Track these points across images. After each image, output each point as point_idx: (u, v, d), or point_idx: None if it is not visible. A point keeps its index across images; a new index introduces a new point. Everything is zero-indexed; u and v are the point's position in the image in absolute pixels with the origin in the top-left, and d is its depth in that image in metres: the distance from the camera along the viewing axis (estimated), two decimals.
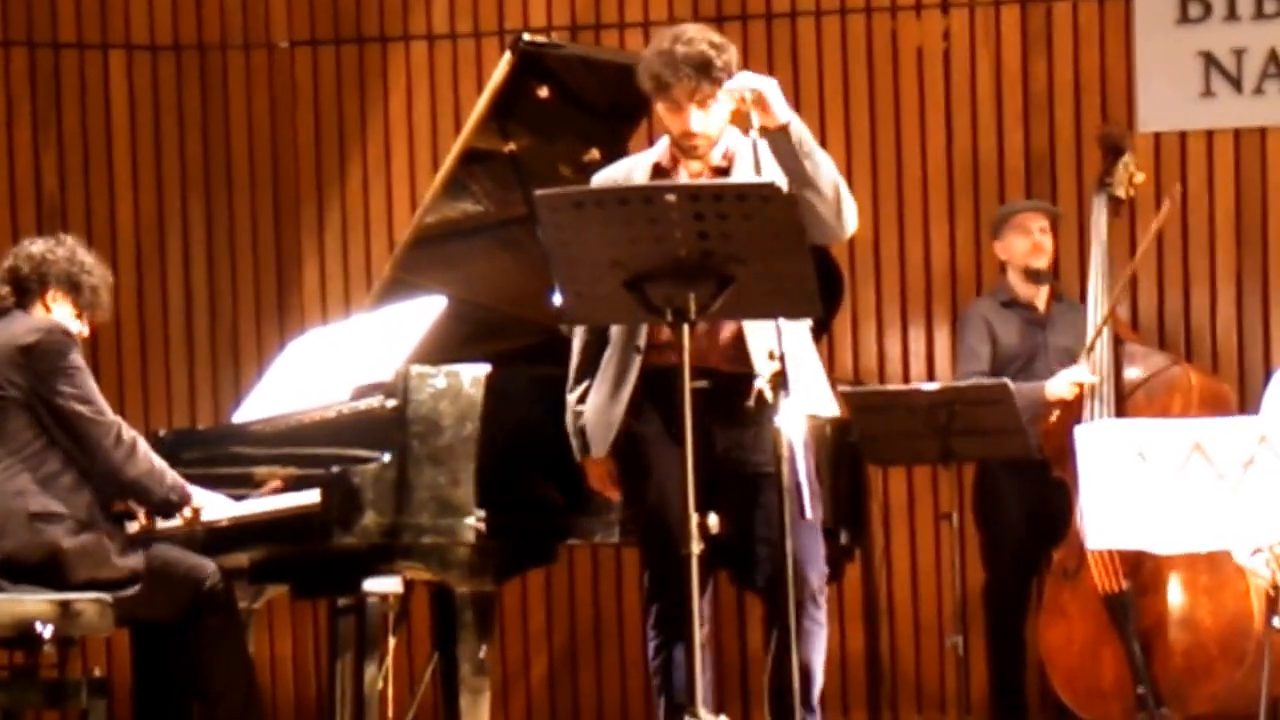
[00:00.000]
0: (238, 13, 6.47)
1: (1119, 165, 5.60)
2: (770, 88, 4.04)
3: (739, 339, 4.13)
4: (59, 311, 4.45)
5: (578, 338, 4.29)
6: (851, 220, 4.15)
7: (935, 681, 6.16)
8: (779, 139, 4.02)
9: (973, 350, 5.63)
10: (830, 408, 4.31)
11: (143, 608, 4.36)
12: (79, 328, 4.51)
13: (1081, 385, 5.39)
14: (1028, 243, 5.68)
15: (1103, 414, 5.36)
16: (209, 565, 4.37)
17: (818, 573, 4.23)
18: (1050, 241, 5.70)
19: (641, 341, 4.17)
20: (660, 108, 4.15)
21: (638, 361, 4.17)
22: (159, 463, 4.37)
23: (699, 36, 4.13)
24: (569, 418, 4.25)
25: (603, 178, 4.28)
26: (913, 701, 6.19)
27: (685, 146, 4.16)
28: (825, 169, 4.09)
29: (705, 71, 4.07)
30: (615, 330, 4.20)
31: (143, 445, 4.39)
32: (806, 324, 4.19)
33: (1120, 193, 5.60)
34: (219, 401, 6.35)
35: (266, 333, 6.39)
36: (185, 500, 4.35)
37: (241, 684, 4.38)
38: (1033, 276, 5.69)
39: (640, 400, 4.16)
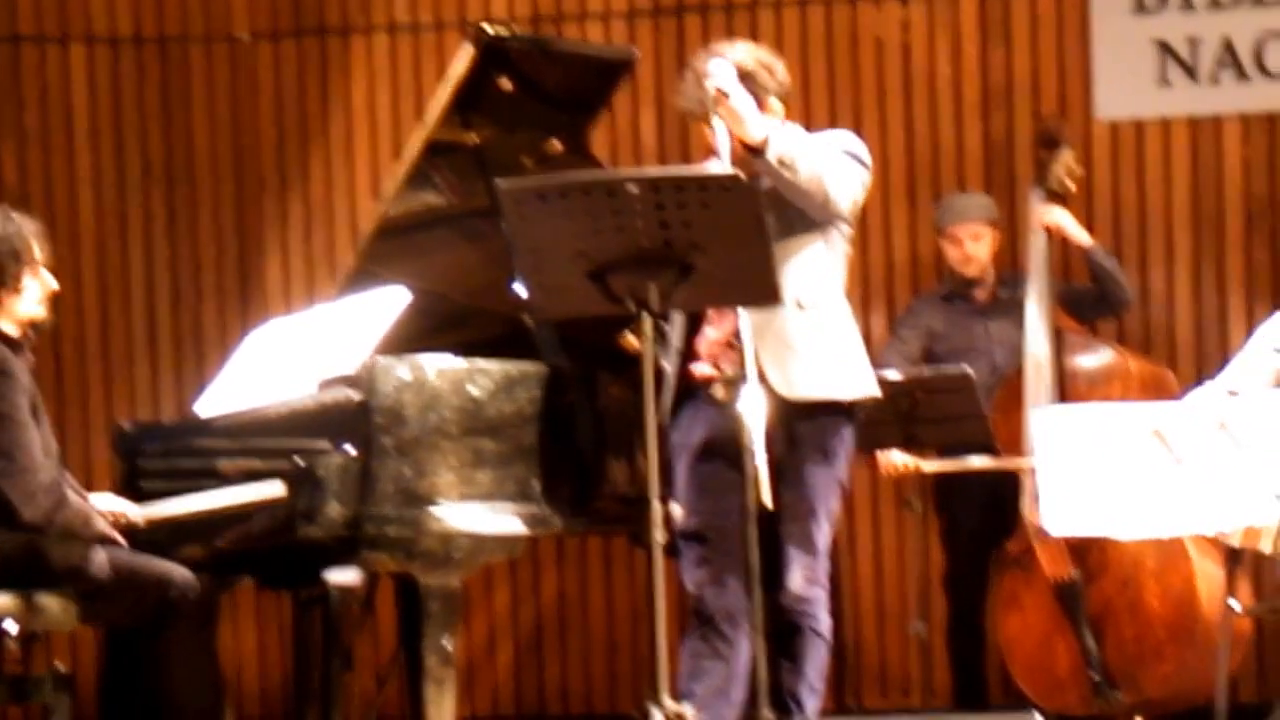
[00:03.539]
0: (199, 4, 6.46)
1: (1056, 159, 5.65)
2: (742, 102, 4.03)
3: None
4: None
5: None
6: (840, 200, 4.15)
7: (899, 667, 6.20)
8: (756, 156, 4.04)
9: (899, 336, 5.72)
10: (829, 391, 4.21)
11: (107, 613, 4.34)
12: (29, 313, 4.39)
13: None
14: (958, 253, 5.76)
15: (1045, 404, 5.41)
16: (177, 573, 4.31)
17: (802, 566, 4.21)
18: (984, 248, 5.76)
19: (678, 342, 4.24)
20: None
21: (675, 361, 4.24)
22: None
23: (705, 55, 4.16)
24: None
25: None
26: (876, 687, 6.23)
27: None
28: (805, 170, 4.09)
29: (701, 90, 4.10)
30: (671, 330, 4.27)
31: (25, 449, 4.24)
32: (823, 310, 4.19)
33: (1057, 186, 5.65)
34: (182, 394, 6.33)
35: (230, 325, 6.38)
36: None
37: (205, 696, 4.36)
38: (964, 283, 5.76)
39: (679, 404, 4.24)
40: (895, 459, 5.45)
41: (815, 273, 4.22)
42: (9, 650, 4.28)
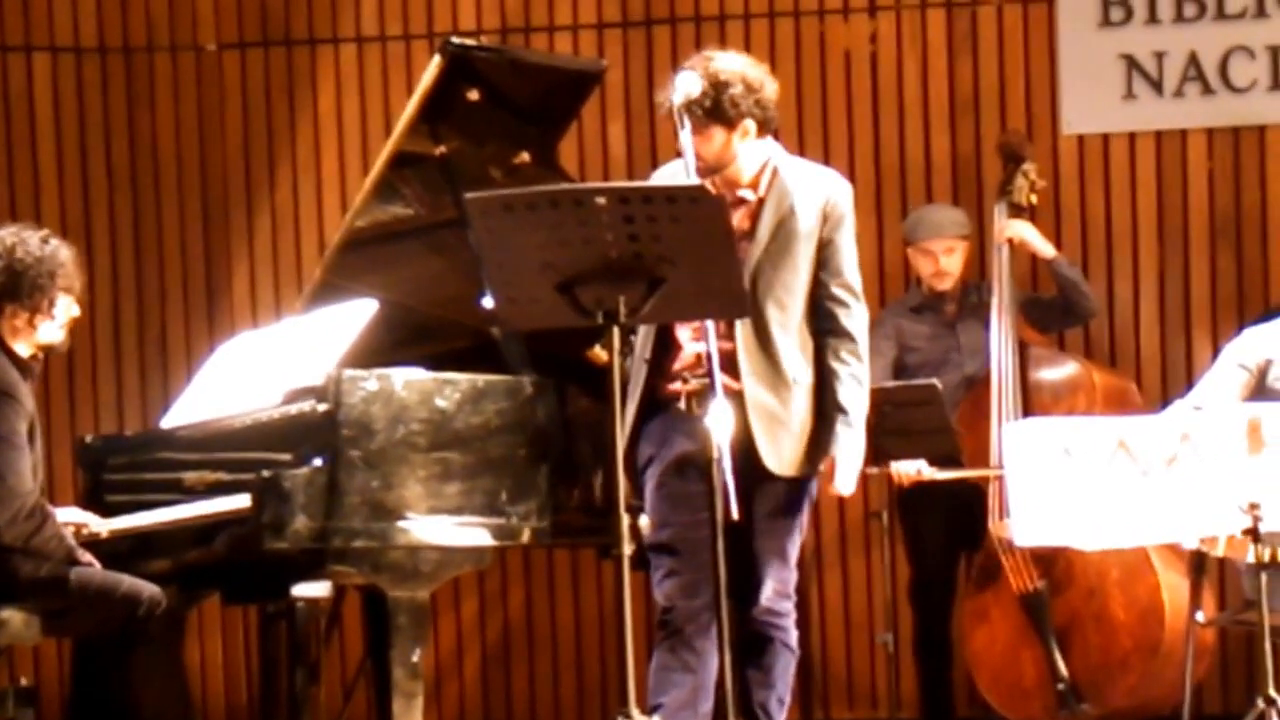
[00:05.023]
0: (164, 15, 6.43)
1: (1019, 173, 5.68)
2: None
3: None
4: (19, 329, 4.33)
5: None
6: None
7: (866, 678, 6.21)
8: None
9: (876, 348, 5.72)
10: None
11: (73, 628, 4.31)
12: (50, 338, 4.37)
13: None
14: (930, 267, 5.77)
15: (1010, 417, 5.44)
16: (146, 591, 4.30)
17: (776, 580, 4.22)
18: (956, 261, 5.77)
19: (647, 354, 4.22)
20: None
21: (644, 373, 4.22)
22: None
23: (695, 65, 4.14)
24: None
25: (662, 174, 4.28)
26: (844, 699, 6.24)
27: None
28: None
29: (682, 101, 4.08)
30: (636, 341, 4.26)
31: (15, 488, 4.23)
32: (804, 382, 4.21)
33: (1020, 200, 5.68)
34: (147, 407, 6.31)
35: (195, 338, 6.36)
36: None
37: (173, 710, 4.35)
38: (937, 296, 5.78)
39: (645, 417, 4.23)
40: (904, 468, 5.44)
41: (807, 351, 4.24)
42: None
